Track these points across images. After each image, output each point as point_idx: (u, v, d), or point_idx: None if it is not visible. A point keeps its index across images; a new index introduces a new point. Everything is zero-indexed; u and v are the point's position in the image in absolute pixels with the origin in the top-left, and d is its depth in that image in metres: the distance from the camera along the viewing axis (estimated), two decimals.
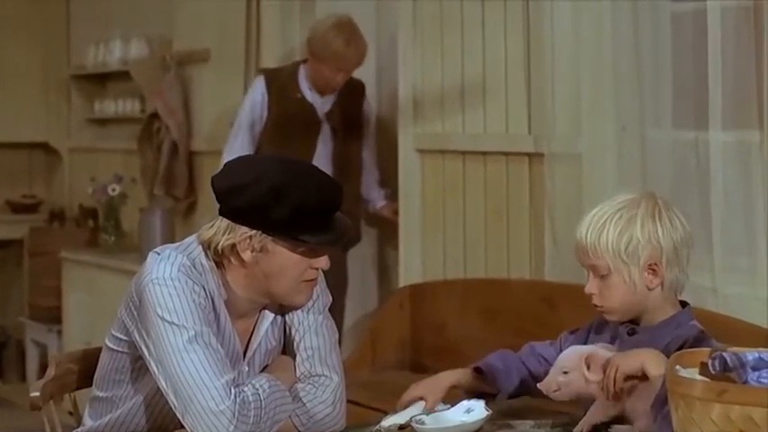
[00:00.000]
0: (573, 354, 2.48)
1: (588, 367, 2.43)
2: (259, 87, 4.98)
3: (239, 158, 2.59)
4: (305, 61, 4.97)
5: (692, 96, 3.81)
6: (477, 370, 2.73)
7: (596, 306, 2.54)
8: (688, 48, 3.83)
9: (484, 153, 4.57)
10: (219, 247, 2.45)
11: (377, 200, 5.19)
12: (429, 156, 4.84)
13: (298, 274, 2.48)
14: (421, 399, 2.68)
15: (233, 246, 2.45)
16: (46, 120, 7.39)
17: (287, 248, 2.45)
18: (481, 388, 2.71)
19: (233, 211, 2.44)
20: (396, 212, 5.07)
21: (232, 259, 2.47)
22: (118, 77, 6.80)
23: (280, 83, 4.96)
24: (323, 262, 2.51)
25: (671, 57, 3.92)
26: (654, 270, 2.48)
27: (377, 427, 2.57)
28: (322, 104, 4.96)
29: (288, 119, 4.89)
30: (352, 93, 5.00)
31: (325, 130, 4.96)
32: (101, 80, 7.15)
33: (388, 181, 5.30)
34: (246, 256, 2.45)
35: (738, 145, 3.64)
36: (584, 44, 4.04)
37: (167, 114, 6.11)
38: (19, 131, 7.30)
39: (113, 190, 6.41)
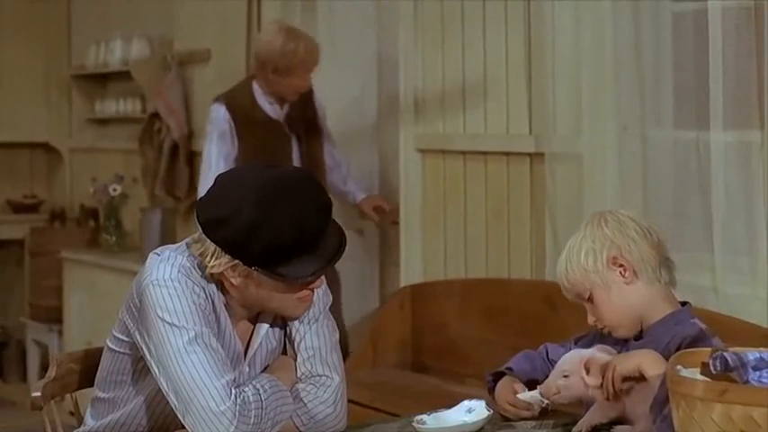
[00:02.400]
0: (573, 357, 2.49)
1: (588, 371, 2.43)
2: (223, 116, 4.85)
3: (220, 182, 2.49)
4: (254, 77, 4.90)
5: (693, 96, 3.81)
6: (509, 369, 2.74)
7: (602, 330, 2.61)
8: (689, 48, 3.83)
9: (485, 153, 4.57)
10: (208, 272, 2.45)
11: (355, 191, 5.13)
12: (430, 156, 4.84)
13: (288, 297, 2.48)
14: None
15: (221, 272, 2.45)
16: (47, 119, 7.39)
17: (270, 279, 2.43)
18: None
19: (215, 242, 2.43)
20: (377, 208, 5.06)
21: (223, 281, 2.48)
22: (119, 77, 6.81)
23: (241, 107, 4.86)
24: (313, 285, 2.49)
25: (672, 57, 3.92)
26: (620, 264, 2.54)
27: None
28: (283, 115, 4.90)
29: (259, 141, 4.82)
30: (302, 94, 4.91)
31: (293, 141, 4.92)
32: (102, 80, 7.15)
33: (389, 181, 5.30)
34: (236, 281, 2.45)
35: (739, 145, 3.64)
36: (584, 44, 4.04)
37: (168, 114, 6.12)
38: (20, 131, 7.30)
39: (114, 190, 6.41)
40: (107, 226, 6.54)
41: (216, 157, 4.86)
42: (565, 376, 2.46)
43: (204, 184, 4.80)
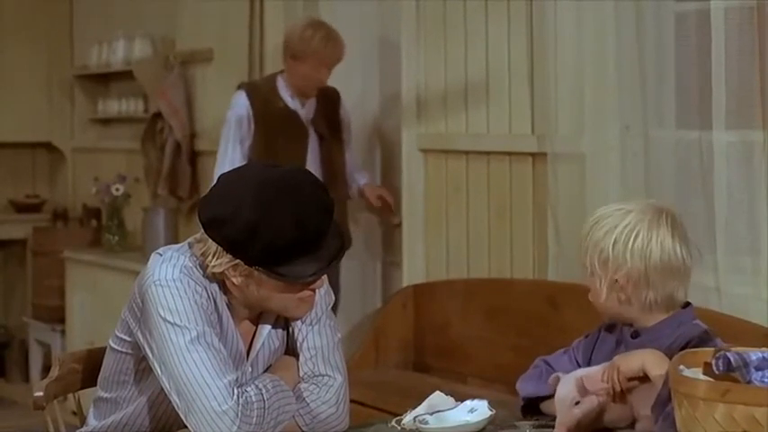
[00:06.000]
0: (570, 384, 2.43)
1: (586, 385, 2.40)
2: (242, 102, 4.92)
3: (222, 181, 2.50)
4: (281, 72, 4.96)
5: (696, 96, 3.81)
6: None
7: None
8: (691, 48, 3.83)
9: (487, 153, 4.57)
10: (209, 271, 2.45)
11: (359, 179, 5.15)
12: (432, 155, 4.84)
13: (290, 297, 2.48)
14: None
15: (222, 272, 2.45)
16: (49, 119, 7.39)
17: (270, 279, 2.43)
18: None
19: (216, 241, 2.43)
20: (380, 197, 5.07)
21: (225, 280, 2.48)
22: (121, 77, 6.81)
23: (261, 95, 4.93)
24: (314, 286, 2.49)
25: (674, 57, 3.92)
26: (621, 286, 2.47)
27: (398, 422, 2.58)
28: (305, 112, 4.95)
29: (275, 129, 4.87)
30: (328, 100, 4.99)
31: (312, 137, 4.95)
32: (104, 80, 7.15)
33: (391, 180, 5.31)
34: (237, 281, 2.45)
35: (742, 145, 3.64)
36: (587, 44, 4.04)
37: (170, 114, 6.12)
38: (22, 131, 7.30)
39: (117, 190, 6.42)
40: (109, 226, 6.54)
41: (232, 142, 4.93)
42: (577, 403, 2.42)
43: (219, 169, 4.85)
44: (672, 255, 2.46)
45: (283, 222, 2.37)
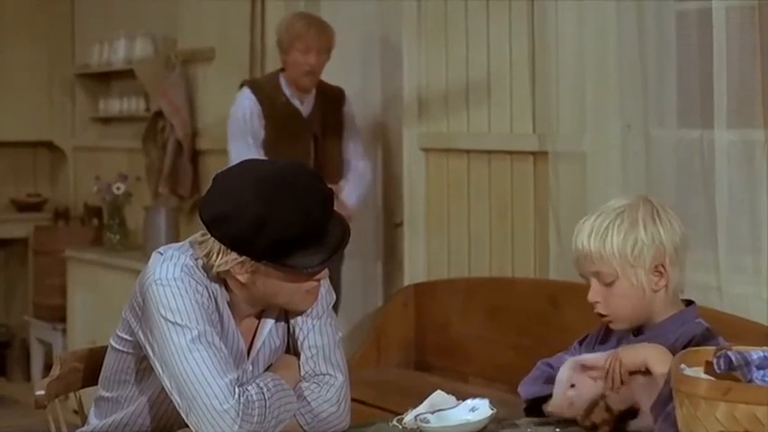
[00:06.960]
0: (568, 367, 2.44)
1: (584, 369, 2.40)
2: (248, 98, 4.91)
3: (220, 179, 2.50)
4: (283, 70, 4.96)
5: (697, 95, 3.81)
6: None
7: (601, 315, 2.52)
8: (693, 47, 3.83)
9: (488, 152, 4.57)
10: (215, 270, 2.45)
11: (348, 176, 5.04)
12: (434, 155, 4.84)
13: (296, 289, 2.49)
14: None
15: (227, 270, 2.45)
16: (50, 118, 7.39)
17: (278, 272, 2.44)
18: None
19: (220, 239, 2.43)
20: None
21: (229, 279, 2.48)
22: (122, 76, 6.82)
23: (265, 91, 4.93)
24: (319, 276, 2.49)
25: (675, 56, 3.92)
26: (659, 272, 2.46)
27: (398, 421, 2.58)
28: (304, 109, 4.95)
29: (281, 125, 4.88)
30: (330, 99, 4.99)
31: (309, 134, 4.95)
32: (105, 79, 7.16)
33: (393, 181, 5.30)
34: (243, 278, 2.45)
35: (743, 144, 3.65)
36: (588, 43, 4.04)
37: (172, 113, 6.12)
38: (24, 130, 7.31)
39: (118, 189, 6.42)
40: (111, 225, 6.55)
41: (244, 137, 4.86)
42: (572, 385, 2.43)
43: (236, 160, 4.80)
44: (685, 231, 2.50)
45: (286, 215, 2.38)
